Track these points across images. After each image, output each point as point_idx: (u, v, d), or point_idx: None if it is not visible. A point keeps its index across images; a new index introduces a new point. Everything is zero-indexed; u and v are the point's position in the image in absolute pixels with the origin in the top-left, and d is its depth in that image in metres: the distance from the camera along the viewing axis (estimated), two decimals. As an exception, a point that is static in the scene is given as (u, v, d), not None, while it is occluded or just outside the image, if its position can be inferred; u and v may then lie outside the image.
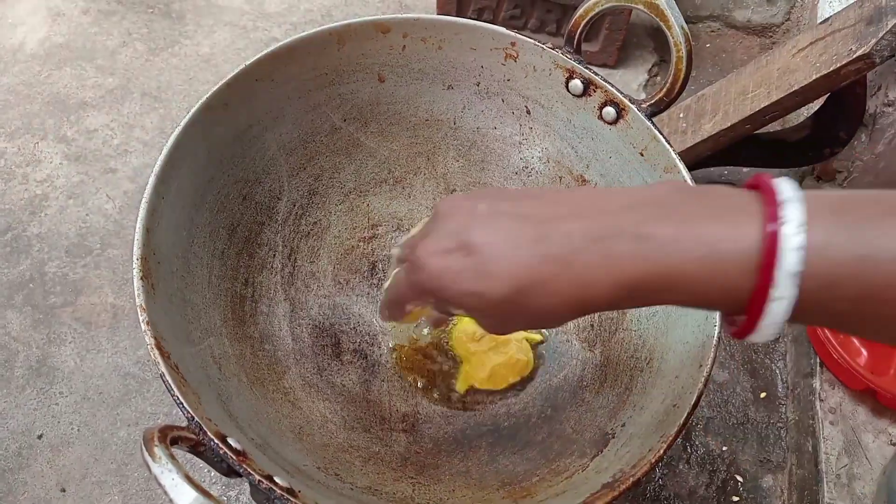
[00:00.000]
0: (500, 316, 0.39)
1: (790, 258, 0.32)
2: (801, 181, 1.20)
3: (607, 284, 0.36)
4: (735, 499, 0.98)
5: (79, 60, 1.36)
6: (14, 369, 1.03)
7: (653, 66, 1.34)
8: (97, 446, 0.98)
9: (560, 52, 0.62)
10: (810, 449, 0.95)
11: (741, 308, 0.35)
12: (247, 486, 0.53)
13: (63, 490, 0.94)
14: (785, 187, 0.34)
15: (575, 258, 0.36)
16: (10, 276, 1.12)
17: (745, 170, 1.24)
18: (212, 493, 0.40)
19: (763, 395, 1.05)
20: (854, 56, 0.88)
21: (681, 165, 0.59)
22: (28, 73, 1.33)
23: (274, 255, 0.64)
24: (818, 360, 1.00)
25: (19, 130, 1.26)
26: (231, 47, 1.34)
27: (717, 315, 0.54)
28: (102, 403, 1.01)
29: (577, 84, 0.63)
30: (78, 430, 0.99)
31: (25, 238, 1.15)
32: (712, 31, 1.46)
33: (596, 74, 0.63)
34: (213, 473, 0.96)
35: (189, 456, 0.59)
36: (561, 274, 0.36)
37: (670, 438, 0.49)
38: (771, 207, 0.33)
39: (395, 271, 0.45)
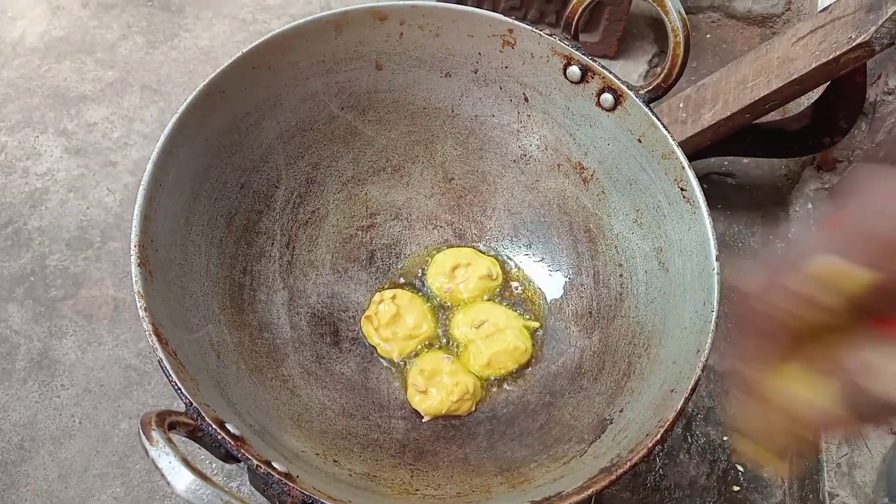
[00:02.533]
0: None
1: None
2: (801, 171, 1.19)
3: None
4: (736, 488, 0.98)
5: (78, 54, 1.36)
6: (16, 362, 1.04)
7: (653, 57, 1.33)
8: (99, 438, 0.98)
9: (557, 38, 0.62)
10: (810, 438, 0.95)
11: None
12: (248, 478, 0.53)
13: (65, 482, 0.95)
14: None
15: None
16: (12, 269, 1.12)
17: (745, 160, 1.23)
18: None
19: (764, 384, 1.05)
20: (854, 44, 0.88)
21: (679, 152, 0.59)
22: (28, 66, 1.33)
23: (272, 244, 0.64)
24: (818, 349, 1.00)
25: (20, 124, 1.27)
26: (231, 40, 1.33)
27: (714, 301, 0.54)
28: (104, 396, 1.02)
29: (574, 71, 0.63)
30: (79, 422, 1.00)
31: (26, 231, 1.15)
32: (713, 22, 1.45)
33: (594, 61, 0.62)
34: (214, 465, 0.96)
35: (191, 448, 0.59)
36: None
37: (668, 423, 0.49)
38: None
39: None
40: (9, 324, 1.07)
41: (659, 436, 0.49)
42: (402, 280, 0.70)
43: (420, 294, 0.68)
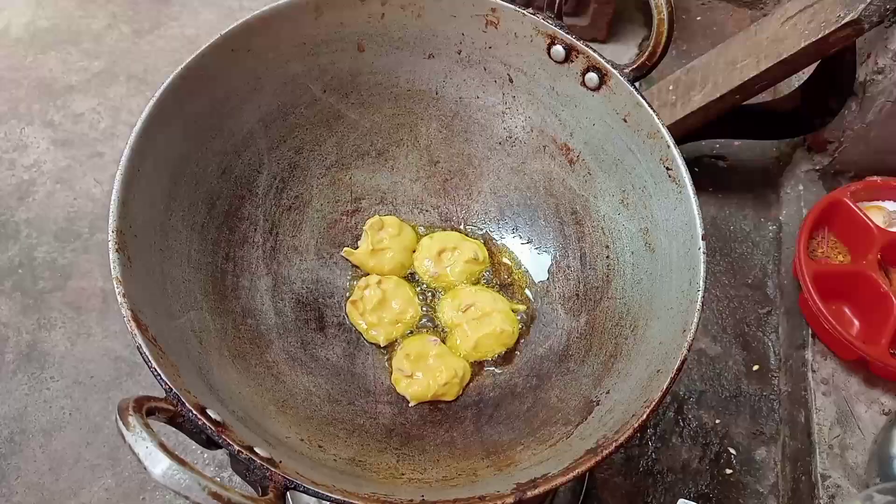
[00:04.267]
0: None
1: None
2: (792, 153, 1.19)
3: None
4: (728, 471, 0.98)
5: (64, 44, 1.34)
6: (4, 355, 1.03)
7: (643, 41, 1.33)
8: (89, 430, 0.98)
9: (541, 17, 0.61)
10: (803, 420, 0.95)
11: None
12: (230, 464, 0.53)
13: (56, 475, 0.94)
14: None
15: None
16: (-1, 261, 1.11)
17: (736, 143, 1.23)
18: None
19: (756, 367, 1.05)
20: (843, 22, 0.87)
21: (664, 131, 0.58)
22: (13, 57, 1.32)
23: (255, 230, 0.63)
24: (810, 331, 1.00)
25: (5, 116, 1.26)
26: (217, 28, 1.31)
27: (700, 280, 0.53)
28: (94, 387, 1.01)
29: (558, 50, 0.62)
30: (70, 414, 0.99)
31: (13, 224, 1.14)
32: (703, 4, 1.44)
33: (578, 40, 0.62)
34: (206, 455, 0.96)
35: (181, 439, 0.58)
36: None
37: (654, 403, 0.49)
38: None
39: None
40: (-4, 316, 1.06)
41: (645, 416, 0.48)
42: (388, 265, 0.69)
43: (406, 279, 0.68)
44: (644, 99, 0.60)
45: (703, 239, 0.54)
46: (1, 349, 1.03)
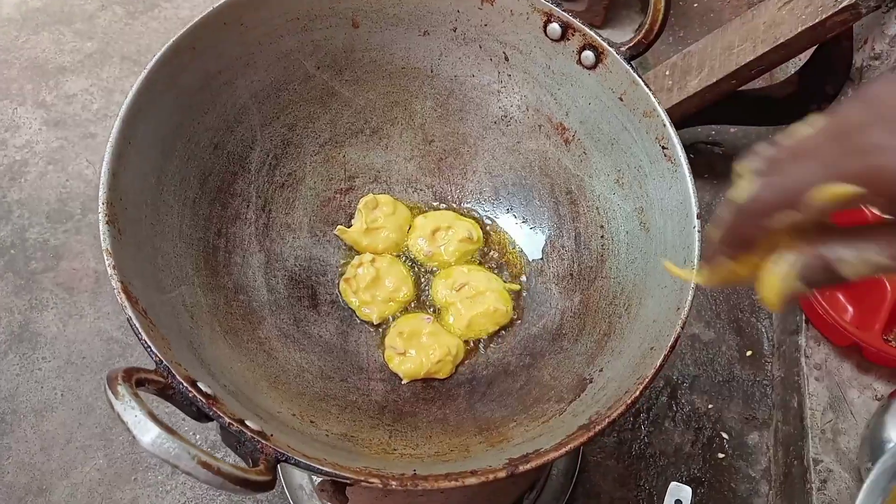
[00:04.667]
0: None
1: None
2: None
3: None
4: (721, 455, 0.98)
5: (57, 24, 1.33)
6: (-5, 334, 1.02)
7: (640, 26, 1.32)
8: (81, 411, 0.98)
9: (537, -6, 0.61)
10: (796, 405, 0.96)
11: None
12: (220, 437, 0.53)
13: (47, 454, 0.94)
14: None
15: None
16: (-10, 241, 1.10)
17: (732, 129, 1.23)
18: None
19: (749, 353, 1.05)
20: (840, 7, 0.87)
21: (660, 109, 0.58)
22: (5, 37, 1.31)
23: (248, 206, 0.63)
24: (804, 317, 1.00)
25: (-3, 96, 1.25)
26: (211, 10, 1.32)
27: (694, 259, 0.53)
28: (86, 368, 1.01)
29: (555, 28, 0.62)
30: (61, 394, 0.99)
31: (5, 204, 1.14)
32: (700, -9, 1.44)
33: (574, 18, 0.61)
34: (197, 438, 0.95)
35: (173, 420, 0.57)
36: None
37: (647, 380, 0.49)
38: None
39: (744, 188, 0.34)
40: (-12, 296, 1.05)
41: (638, 392, 0.48)
42: (382, 244, 0.69)
43: (399, 257, 0.68)
44: (640, 77, 0.59)
45: (698, 217, 0.54)
46: (-8, 330, 1.03)
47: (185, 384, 0.44)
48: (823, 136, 0.33)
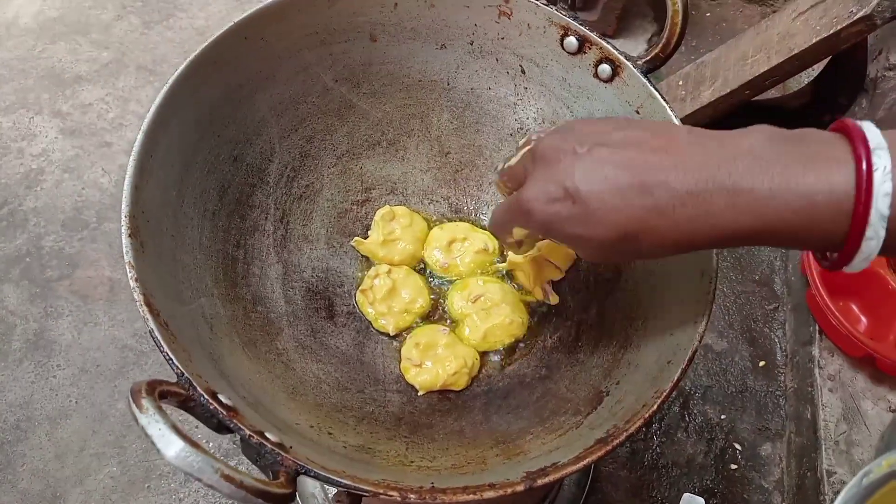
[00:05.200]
0: (603, 254, 0.43)
1: (881, 203, 0.35)
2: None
3: (705, 234, 0.39)
4: (733, 467, 0.98)
5: (73, 34, 1.35)
6: (11, 343, 1.03)
7: (652, 36, 1.33)
8: (95, 418, 0.98)
9: (555, 8, 0.61)
10: (809, 416, 0.95)
11: (835, 246, 0.38)
12: (241, 448, 0.53)
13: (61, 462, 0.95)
14: (872, 134, 0.36)
15: (677, 211, 0.39)
16: (7, 250, 1.11)
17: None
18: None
19: (762, 363, 1.05)
20: (855, 18, 0.87)
21: (677, 123, 0.58)
22: (22, 47, 1.33)
23: (266, 218, 0.63)
24: (817, 327, 1.00)
25: (14, 105, 1.26)
26: (227, 19, 1.32)
27: (712, 271, 0.53)
28: (100, 376, 1.02)
29: (571, 41, 0.62)
30: (76, 402, 1.00)
31: (21, 212, 1.15)
32: (713, 0, 1.44)
33: (591, 32, 0.62)
34: (210, 445, 0.96)
35: (191, 430, 0.58)
36: (662, 225, 0.39)
37: (664, 394, 0.49)
38: (859, 155, 0.36)
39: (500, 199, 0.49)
40: (4, 304, 1.06)
41: (655, 406, 0.48)
42: (397, 256, 0.69)
43: (415, 269, 0.68)
44: (657, 90, 0.59)
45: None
46: (8, 337, 1.04)
47: (206, 396, 0.45)
48: (507, 200, 0.49)
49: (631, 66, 0.60)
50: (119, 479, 0.94)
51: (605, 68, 0.62)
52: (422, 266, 0.68)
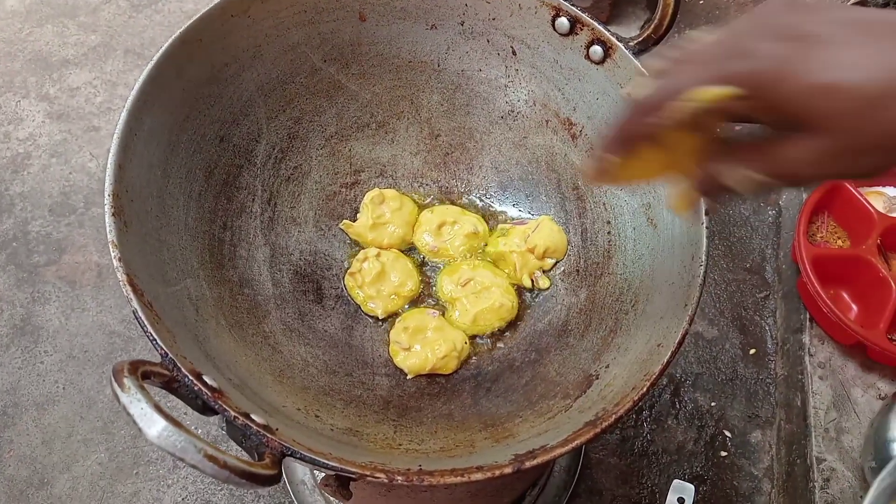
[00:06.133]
0: (850, 131, 0.32)
1: None
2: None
3: None
4: (723, 454, 0.98)
5: (60, 17, 1.33)
6: (-3, 327, 1.02)
7: (645, 23, 1.32)
8: (83, 404, 0.98)
9: (546, -11, 0.61)
10: (799, 404, 0.95)
11: None
12: (226, 431, 0.53)
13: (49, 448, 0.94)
14: None
15: None
16: (-7, 234, 1.10)
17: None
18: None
19: (752, 351, 1.05)
20: (848, 4, 0.86)
21: (668, 105, 0.58)
22: (9, 30, 1.31)
23: (253, 200, 0.63)
24: (808, 315, 1.00)
25: (0, 89, 1.24)
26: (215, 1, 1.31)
27: (703, 255, 0.53)
28: (88, 362, 1.01)
29: (563, 22, 0.61)
30: (63, 388, 0.99)
31: (8, 197, 1.13)
32: (706, -12, 1.43)
33: (583, 13, 0.61)
34: (199, 431, 0.95)
35: (177, 414, 0.57)
36: None
37: (654, 377, 0.49)
38: None
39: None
40: (-10, 289, 1.05)
41: (645, 389, 0.48)
42: (387, 239, 0.68)
43: (405, 252, 0.67)
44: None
45: (706, 213, 0.54)
46: (-6, 322, 1.03)
47: (190, 377, 0.44)
48: (714, 43, 0.36)
49: (622, 48, 0.60)
50: (107, 465, 0.93)
51: (596, 50, 0.61)
52: (412, 249, 0.68)
